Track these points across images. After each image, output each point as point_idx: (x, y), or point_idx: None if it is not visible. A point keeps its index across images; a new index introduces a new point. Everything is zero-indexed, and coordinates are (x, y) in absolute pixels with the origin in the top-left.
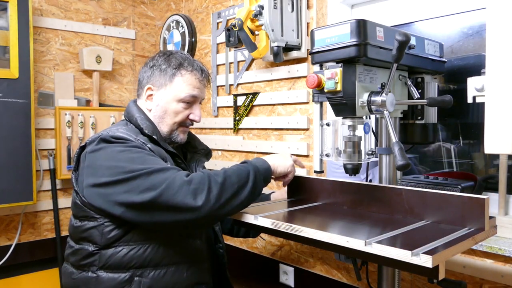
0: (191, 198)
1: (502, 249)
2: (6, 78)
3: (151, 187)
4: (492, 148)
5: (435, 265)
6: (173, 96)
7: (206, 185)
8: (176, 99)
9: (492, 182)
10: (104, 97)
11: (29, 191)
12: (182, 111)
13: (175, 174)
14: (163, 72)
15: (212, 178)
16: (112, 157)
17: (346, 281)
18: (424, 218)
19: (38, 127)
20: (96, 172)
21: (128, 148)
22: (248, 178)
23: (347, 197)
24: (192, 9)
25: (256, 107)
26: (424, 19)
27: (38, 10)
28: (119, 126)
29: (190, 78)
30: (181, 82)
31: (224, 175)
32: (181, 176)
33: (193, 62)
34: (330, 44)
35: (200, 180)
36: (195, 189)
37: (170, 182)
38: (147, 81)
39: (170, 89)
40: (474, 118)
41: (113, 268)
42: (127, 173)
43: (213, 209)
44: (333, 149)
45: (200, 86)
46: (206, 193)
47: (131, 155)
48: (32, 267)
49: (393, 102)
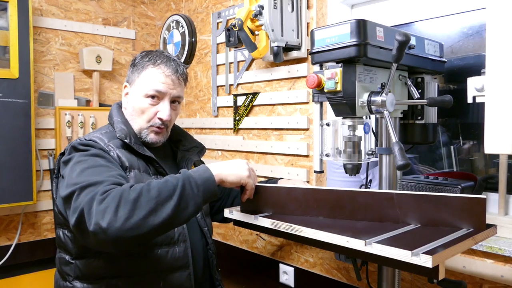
0: (99, 219)
1: (502, 249)
2: (6, 78)
3: (77, 206)
4: (492, 148)
5: (435, 265)
6: (140, 91)
7: (115, 202)
8: (142, 94)
9: (492, 182)
10: (104, 97)
11: (29, 191)
12: (148, 108)
13: (96, 190)
14: (135, 68)
15: (125, 194)
16: (71, 169)
17: (346, 281)
18: (422, 220)
19: (38, 127)
20: (62, 183)
21: (85, 157)
22: (174, 191)
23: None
24: (192, 9)
25: (256, 107)
26: (424, 19)
27: (38, 10)
28: (100, 130)
29: (156, 72)
30: (147, 76)
31: (141, 189)
32: (98, 192)
33: (165, 57)
34: (330, 44)
35: (112, 197)
36: (105, 208)
37: (88, 201)
38: (126, 79)
39: (138, 84)
40: (474, 118)
41: (87, 278)
42: (71, 187)
43: (122, 230)
44: (333, 149)
45: (167, 81)
46: (112, 213)
47: (83, 166)
48: (32, 267)
49: (393, 102)
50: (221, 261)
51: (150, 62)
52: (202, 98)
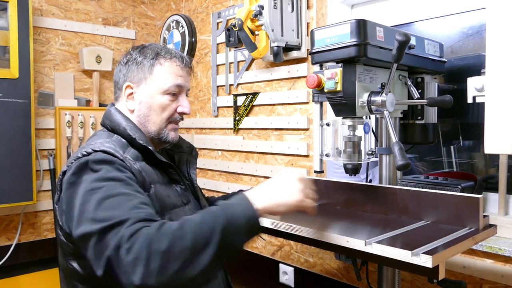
0: (131, 274)
1: (502, 249)
2: (6, 78)
3: (101, 253)
4: (492, 148)
5: (435, 265)
6: (156, 88)
7: (145, 253)
8: (160, 91)
9: (492, 182)
10: (104, 97)
11: (29, 191)
12: (169, 104)
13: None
14: (139, 65)
15: (155, 243)
16: (83, 199)
17: (346, 281)
18: (422, 218)
19: (38, 127)
20: (70, 214)
21: (100, 183)
22: (211, 236)
23: (342, 197)
24: (192, 9)
25: (256, 107)
26: (424, 19)
27: (38, 10)
28: (106, 138)
29: (171, 65)
30: (162, 71)
31: (173, 235)
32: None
33: (170, 50)
34: (330, 44)
35: (140, 246)
36: (134, 259)
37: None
38: (124, 79)
39: (151, 82)
40: (474, 118)
41: None
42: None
43: (158, 285)
44: (333, 149)
45: (183, 74)
46: (144, 267)
47: (99, 196)
48: (32, 267)
49: (393, 102)
50: None
51: (161, 56)
52: (202, 98)
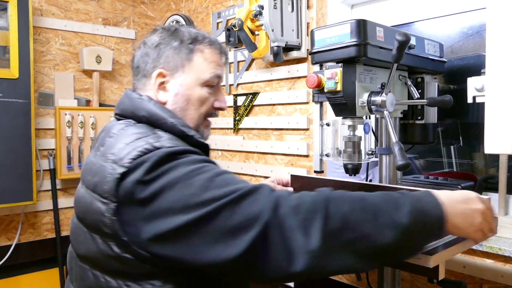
0: (301, 236)
1: (502, 249)
2: (6, 78)
3: (244, 224)
4: (492, 148)
5: (435, 265)
6: (196, 78)
7: (323, 210)
8: (200, 83)
9: (492, 182)
10: (104, 97)
11: (29, 191)
12: (208, 98)
13: (275, 196)
14: (176, 50)
15: (332, 203)
16: (181, 185)
17: (346, 281)
18: None
19: (38, 127)
20: (164, 212)
21: (199, 164)
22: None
23: None
24: (192, 9)
25: (256, 107)
26: (424, 19)
27: (38, 10)
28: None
29: (212, 53)
30: (203, 59)
31: (352, 201)
32: (281, 200)
33: (208, 35)
34: (330, 44)
35: (312, 203)
36: (308, 216)
37: (272, 211)
38: (155, 65)
39: (190, 71)
40: (474, 118)
41: None
42: (206, 205)
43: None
44: (333, 149)
45: (222, 64)
46: (321, 225)
47: (205, 176)
48: (32, 267)
49: (393, 102)
50: None
51: (200, 42)
52: None
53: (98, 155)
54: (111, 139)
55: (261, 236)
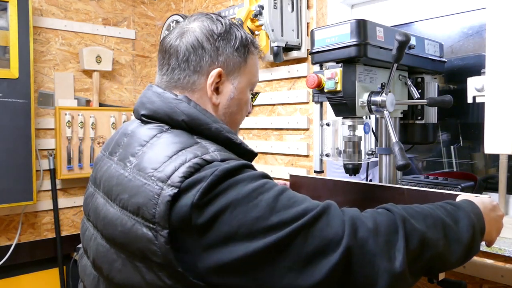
0: (383, 260)
1: (502, 249)
2: (6, 78)
3: (321, 249)
4: (492, 148)
5: None
6: (248, 82)
7: (402, 232)
8: (250, 86)
9: (492, 182)
10: (104, 97)
11: (29, 191)
12: (250, 102)
13: (350, 217)
14: (237, 51)
15: (408, 222)
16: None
17: None
18: None
19: (38, 127)
20: (227, 239)
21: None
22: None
23: (350, 196)
24: (192, 9)
25: (256, 107)
26: (424, 19)
27: (38, 10)
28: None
29: (257, 56)
30: (254, 63)
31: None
32: (358, 221)
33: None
34: (330, 44)
35: (390, 223)
36: (387, 239)
37: (350, 235)
38: (213, 62)
39: (244, 74)
40: (474, 118)
41: None
42: (276, 231)
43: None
44: (333, 149)
45: None
46: (404, 248)
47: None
48: (32, 267)
49: (393, 102)
50: None
51: (251, 44)
52: None
53: (132, 169)
54: (145, 149)
55: (343, 261)
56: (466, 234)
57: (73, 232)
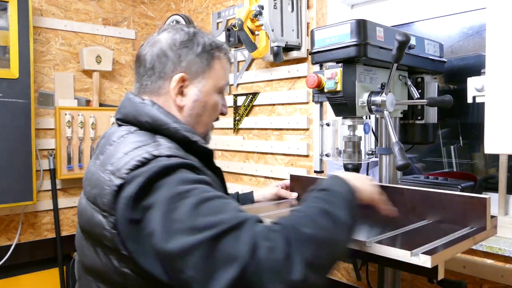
0: (284, 273)
1: (502, 249)
2: (6, 78)
3: (215, 267)
4: (492, 148)
5: (434, 265)
6: (213, 85)
7: (295, 245)
8: (217, 89)
9: (492, 182)
10: (104, 97)
11: (29, 191)
12: (219, 104)
13: (250, 236)
14: (199, 56)
15: (297, 233)
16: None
17: (346, 281)
18: (426, 218)
19: (38, 127)
20: (150, 234)
21: (191, 185)
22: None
23: None
24: (192, 9)
25: (256, 107)
26: (424, 19)
27: (38, 10)
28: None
29: (226, 61)
30: (220, 66)
31: (310, 221)
32: (258, 240)
33: (222, 42)
34: (330, 44)
35: (284, 240)
36: (286, 255)
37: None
38: (175, 68)
39: (209, 77)
40: (474, 118)
41: None
42: (187, 234)
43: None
44: (333, 149)
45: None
46: (300, 259)
47: (193, 201)
48: (32, 267)
49: (393, 102)
50: None
51: (217, 49)
52: None
53: (97, 164)
54: (111, 148)
55: (239, 278)
56: (346, 214)
57: (73, 232)
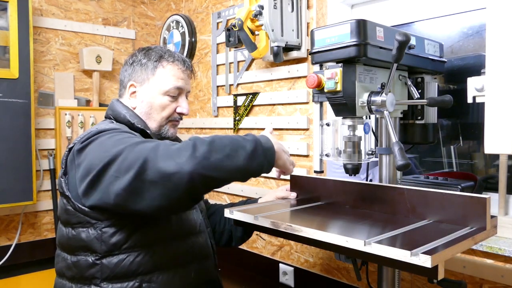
0: (173, 159)
1: (502, 249)
2: (6, 78)
3: (133, 162)
4: (492, 148)
5: (434, 265)
6: (158, 89)
7: (191, 144)
8: (161, 92)
9: (492, 182)
10: (104, 97)
11: (29, 191)
12: (169, 105)
13: (156, 143)
14: (143, 67)
15: (198, 139)
16: (100, 146)
17: (346, 281)
18: (426, 218)
19: (38, 127)
20: (87, 168)
21: (118, 133)
22: (246, 143)
23: (350, 196)
24: (192, 9)
25: (256, 107)
26: (424, 19)
27: (38, 10)
28: (107, 123)
29: (173, 68)
30: (164, 73)
31: (213, 137)
32: (164, 143)
33: (173, 53)
34: (330, 44)
35: (184, 143)
36: (178, 148)
37: (152, 150)
38: (129, 79)
39: (153, 83)
40: (474, 118)
41: (119, 277)
42: (112, 154)
43: (201, 166)
44: (333, 149)
45: (184, 77)
46: (191, 151)
47: (119, 137)
48: (32, 267)
49: (393, 102)
50: (221, 261)
51: (164, 59)
52: (202, 98)
53: None
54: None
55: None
56: (250, 144)
57: None
